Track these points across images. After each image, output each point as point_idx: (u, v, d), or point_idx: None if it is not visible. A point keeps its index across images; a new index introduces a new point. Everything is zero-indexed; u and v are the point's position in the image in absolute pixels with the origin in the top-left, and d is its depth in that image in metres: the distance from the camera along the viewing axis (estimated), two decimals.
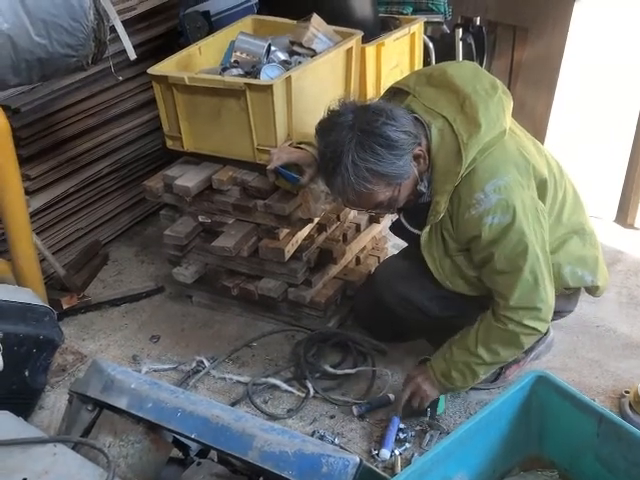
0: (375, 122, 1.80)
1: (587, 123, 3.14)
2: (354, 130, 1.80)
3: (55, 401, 2.30)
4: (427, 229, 1.97)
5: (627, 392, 2.19)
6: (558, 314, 2.15)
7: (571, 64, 3.12)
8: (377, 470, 1.61)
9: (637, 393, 2.12)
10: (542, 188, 1.97)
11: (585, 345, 2.46)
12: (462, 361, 2.00)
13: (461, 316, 2.12)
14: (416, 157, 1.87)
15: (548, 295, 1.92)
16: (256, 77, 2.26)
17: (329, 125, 1.87)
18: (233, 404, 2.26)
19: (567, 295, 2.15)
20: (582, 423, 1.55)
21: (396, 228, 2.27)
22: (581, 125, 3.16)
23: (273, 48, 2.41)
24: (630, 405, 2.14)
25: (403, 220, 2.14)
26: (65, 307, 2.72)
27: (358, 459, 1.54)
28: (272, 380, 2.33)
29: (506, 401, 1.58)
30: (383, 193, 1.87)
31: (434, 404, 2.13)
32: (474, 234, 1.88)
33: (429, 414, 2.14)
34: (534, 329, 1.93)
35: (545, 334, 2.34)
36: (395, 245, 3.05)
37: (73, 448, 1.58)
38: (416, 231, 2.05)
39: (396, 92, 2.07)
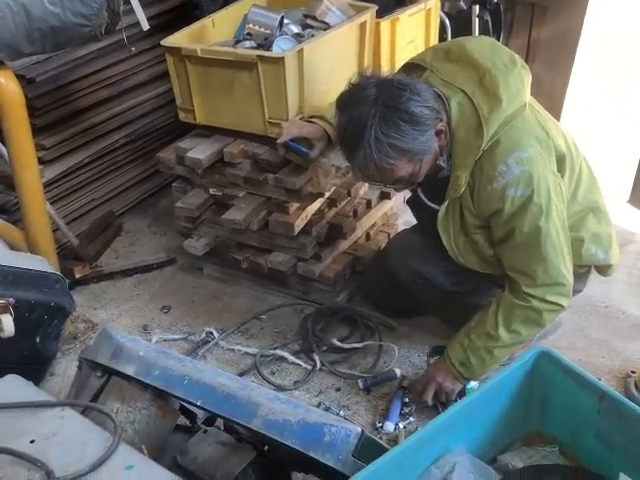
0: (399, 97, 1.78)
1: (603, 102, 3.11)
2: (378, 105, 1.77)
3: (66, 368, 2.33)
4: (445, 204, 1.96)
5: (633, 372, 2.19)
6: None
7: (589, 39, 3.08)
8: (379, 440, 1.61)
9: None
10: (561, 163, 1.96)
11: (593, 325, 2.46)
12: (482, 347, 1.98)
13: (473, 292, 2.14)
14: (438, 133, 1.86)
15: (569, 270, 1.92)
16: (268, 50, 2.27)
17: (352, 99, 1.84)
18: (241, 375, 2.29)
19: (578, 274, 2.14)
20: (583, 399, 1.55)
21: (413, 202, 2.26)
22: (597, 104, 3.12)
23: (286, 21, 2.40)
24: (636, 385, 2.14)
25: (421, 194, 2.13)
26: (78, 276, 2.75)
27: (360, 429, 1.56)
28: (280, 352, 2.36)
29: (508, 376, 1.58)
30: (404, 169, 1.86)
31: (462, 393, 2.11)
32: (497, 207, 1.87)
33: None
34: (557, 304, 1.93)
35: None
36: (406, 222, 3.04)
37: (82, 413, 1.62)
38: (434, 206, 2.04)
39: (412, 68, 2.05)
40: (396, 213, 2.99)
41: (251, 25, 2.40)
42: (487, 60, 1.90)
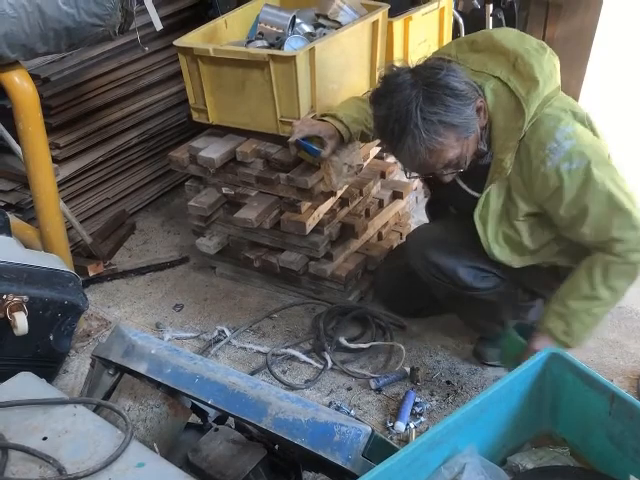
0: (437, 75, 1.77)
1: (618, 100, 3.09)
2: (418, 86, 1.76)
3: (79, 365, 2.36)
4: (487, 190, 1.93)
5: None
6: None
7: (604, 37, 3.07)
8: (389, 440, 1.62)
9: None
10: None
11: (606, 326, 2.44)
12: (583, 310, 1.92)
13: (490, 290, 2.13)
14: (478, 109, 1.84)
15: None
16: (280, 49, 2.27)
17: (388, 88, 1.81)
18: (252, 373, 2.30)
19: None
20: (594, 401, 1.54)
21: (433, 204, 2.26)
22: (612, 103, 3.11)
23: (298, 20, 2.41)
24: None
25: (461, 182, 2.03)
26: (91, 274, 2.78)
27: (370, 429, 1.57)
28: (291, 351, 2.36)
29: (518, 377, 1.58)
30: (453, 149, 1.82)
31: None
32: (556, 186, 1.83)
33: None
34: None
35: None
36: (418, 222, 3.04)
37: (94, 411, 1.63)
38: (475, 193, 1.99)
39: None
40: (408, 212, 2.99)
41: (263, 24, 2.41)
42: (517, 47, 1.89)
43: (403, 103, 1.75)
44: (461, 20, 3.15)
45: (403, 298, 2.46)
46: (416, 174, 2.00)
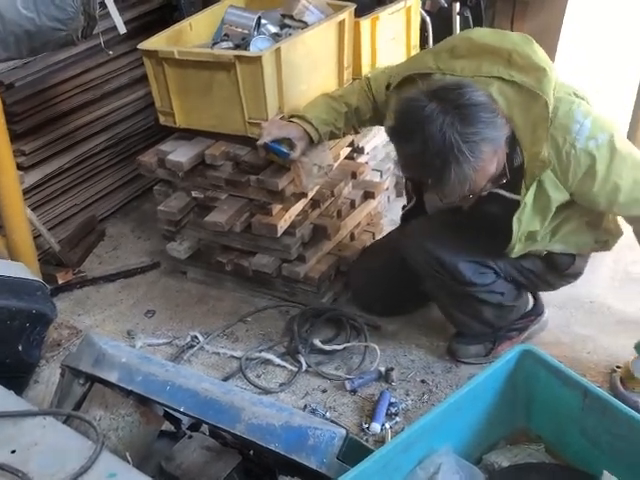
0: (462, 95, 1.72)
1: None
2: (449, 111, 1.69)
3: (50, 375, 2.31)
4: (533, 188, 1.88)
5: (619, 367, 2.19)
6: (574, 277, 2.22)
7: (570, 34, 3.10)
8: (363, 442, 1.61)
9: (628, 368, 2.12)
10: None
11: (578, 321, 2.46)
12: None
13: (488, 286, 2.13)
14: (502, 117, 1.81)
15: None
16: (246, 50, 2.25)
17: (416, 120, 1.72)
18: (226, 378, 2.27)
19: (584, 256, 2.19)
20: (567, 397, 1.55)
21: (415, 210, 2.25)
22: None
23: (264, 21, 2.39)
24: (621, 380, 2.14)
25: (499, 190, 1.96)
26: (61, 282, 2.73)
27: (345, 431, 1.56)
28: (265, 355, 2.34)
29: (492, 375, 1.58)
30: (492, 162, 1.78)
31: None
32: (587, 164, 1.83)
33: None
34: None
35: (540, 314, 2.36)
36: (391, 221, 3.05)
37: (65, 421, 1.60)
38: (514, 196, 1.93)
39: (408, 82, 2.00)
40: (380, 212, 2.98)
41: (228, 26, 2.38)
42: (504, 42, 1.88)
43: (439, 132, 1.68)
44: (428, 19, 3.15)
45: (379, 297, 2.45)
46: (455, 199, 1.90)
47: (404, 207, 2.43)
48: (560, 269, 2.17)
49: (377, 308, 2.51)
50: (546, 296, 2.40)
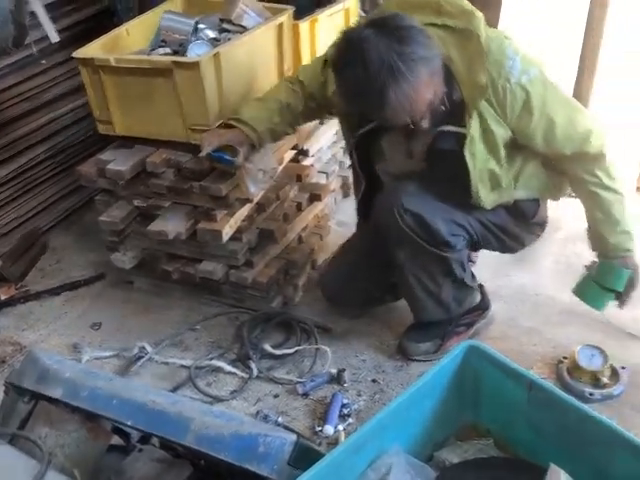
0: (399, 20, 1.78)
1: None
2: (385, 34, 1.74)
3: None
4: (477, 119, 1.93)
5: (565, 358, 2.23)
6: (541, 226, 2.31)
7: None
8: (314, 446, 1.61)
9: (574, 359, 2.16)
10: None
11: (524, 314, 2.49)
12: (622, 211, 2.07)
13: (459, 254, 2.17)
14: None
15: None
16: (184, 55, 2.23)
17: (353, 47, 1.77)
18: (176, 388, 2.24)
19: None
20: (513, 390, 1.57)
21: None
22: None
23: (202, 26, 2.37)
24: (568, 371, 2.18)
25: (446, 127, 2.00)
26: (3, 298, 2.67)
27: (295, 437, 1.56)
28: (215, 362, 2.32)
29: (439, 372, 1.59)
30: (429, 86, 1.81)
31: None
32: (523, 99, 1.92)
33: None
34: (601, 142, 2.04)
35: (486, 309, 2.39)
36: (339, 222, 3.05)
37: (10, 441, 1.57)
38: (461, 129, 1.97)
39: None
40: (328, 214, 2.98)
41: (165, 32, 2.35)
42: None
43: (377, 54, 1.73)
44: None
45: (352, 291, 2.41)
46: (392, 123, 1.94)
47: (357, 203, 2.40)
48: (527, 216, 2.23)
49: (350, 303, 2.48)
50: (492, 290, 2.43)
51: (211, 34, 2.37)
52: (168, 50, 2.31)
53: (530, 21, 3.13)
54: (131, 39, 2.46)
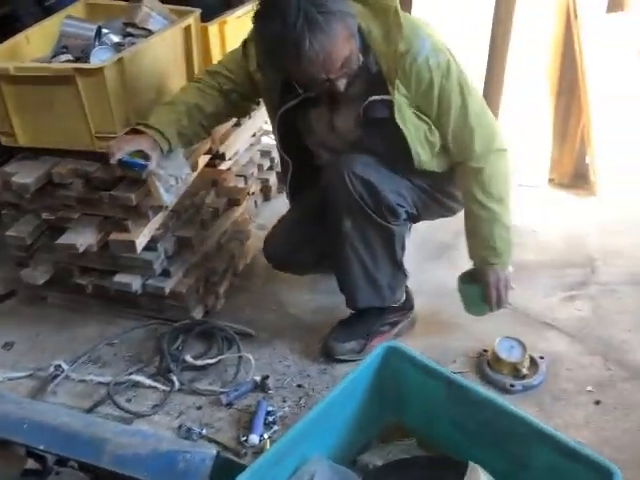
0: None
1: None
2: None
3: None
4: (397, 82, 1.96)
5: (485, 351, 2.26)
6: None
7: None
8: (235, 459, 1.58)
9: (494, 352, 2.19)
10: None
11: (446, 309, 2.50)
12: (492, 231, 2.12)
13: (401, 227, 2.19)
14: None
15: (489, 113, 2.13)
16: (86, 62, 2.15)
17: (271, 3, 1.81)
18: (95, 406, 2.16)
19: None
20: (433, 389, 1.57)
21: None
22: None
23: (105, 31, 2.29)
24: (488, 363, 2.21)
25: (371, 97, 2.02)
26: None
27: (215, 451, 1.53)
28: (135, 377, 2.24)
29: (359, 375, 1.58)
30: (345, 43, 1.84)
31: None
32: (427, 79, 1.96)
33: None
34: (503, 148, 2.11)
35: (410, 309, 2.40)
36: (260, 226, 3.02)
37: None
38: (386, 97, 1.99)
39: None
40: (247, 218, 2.94)
41: (67, 38, 2.26)
42: None
43: (296, 6, 1.75)
44: None
45: (299, 253, 2.36)
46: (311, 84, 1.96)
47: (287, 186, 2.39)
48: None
49: (297, 265, 2.45)
50: (414, 287, 2.44)
51: (115, 39, 2.29)
52: (70, 57, 2.22)
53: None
54: (32, 46, 2.36)
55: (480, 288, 2.21)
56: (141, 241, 2.26)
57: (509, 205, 2.14)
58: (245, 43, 2.16)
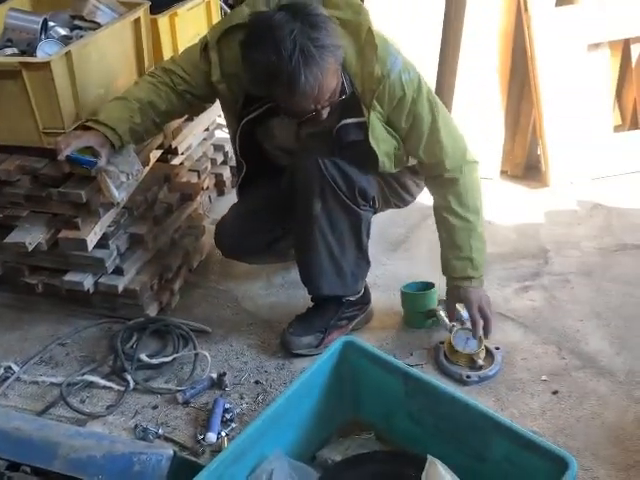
0: (308, 6, 1.83)
1: None
2: (297, 19, 1.78)
3: None
4: (372, 104, 1.98)
5: (442, 343, 2.27)
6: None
7: None
8: (192, 459, 1.57)
9: (450, 343, 2.21)
10: None
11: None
12: (469, 243, 2.14)
13: (368, 211, 2.21)
14: None
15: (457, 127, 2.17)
16: (32, 55, 2.09)
17: (264, 29, 1.79)
18: (47, 408, 2.11)
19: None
20: (391, 383, 1.57)
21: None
22: None
23: (51, 23, 2.23)
24: (445, 355, 2.22)
25: (346, 120, 2.05)
26: None
27: (172, 451, 1.51)
28: (89, 377, 2.20)
29: (316, 371, 1.57)
30: (335, 75, 1.86)
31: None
32: (400, 95, 1.99)
33: None
34: (473, 159, 2.16)
35: (367, 303, 2.40)
36: (215, 221, 2.96)
37: None
38: (360, 119, 2.02)
39: (225, 33, 2.04)
40: (202, 214, 2.91)
41: (12, 30, 2.20)
42: None
43: (290, 37, 1.75)
44: (230, 11, 3.11)
45: (251, 240, 2.36)
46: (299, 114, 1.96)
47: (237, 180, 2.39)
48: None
49: (255, 247, 2.41)
50: (370, 280, 2.43)
51: (62, 31, 2.24)
52: (15, 50, 2.16)
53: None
54: None
55: (431, 295, 2.31)
56: (92, 239, 2.21)
57: (483, 218, 2.19)
58: (205, 47, 2.09)
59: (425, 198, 2.39)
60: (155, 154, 2.55)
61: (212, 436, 2.00)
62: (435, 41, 3.20)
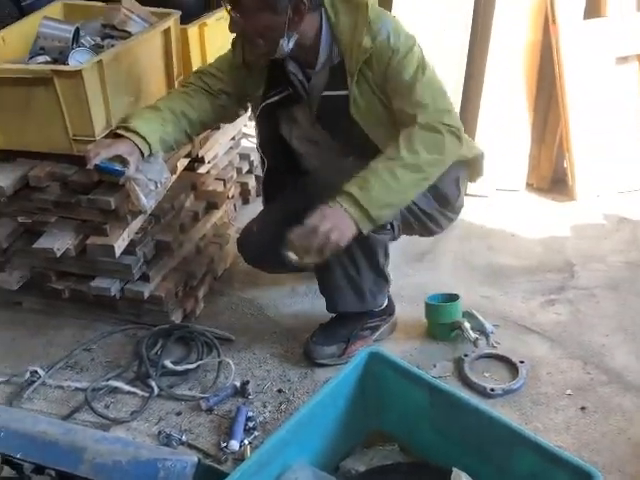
0: None
1: None
2: None
3: None
4: (356, 78, 2.02)
5: (466, 355, 2.26)
6: (458, 211, 2.36)
7: None
8: (216, 466, 1.57)
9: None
10: None
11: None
12: (383, 167, 1.93)
13: (385, 234, 2.18)
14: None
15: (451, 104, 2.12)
16: (64, 64, 2.12)
17: None
18: (72, 413, 2.13)
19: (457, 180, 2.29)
20: (415, 395, 1.57)
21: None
22: None
23: (83, 32, 2.27)
24: (469, 367, 2.21)
25: (327, 92, 2.11)
26: None
27: (196, 459, 1.51)
28: (113, 382, 2.22)
29: (341, 381, 1.57)
30: (272, 14, 1.91)
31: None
32: (388, 56, 2.00)
33: None
34: (453, 126, 2.01)
35: (391, 314, 2.39)
36: (239, 230, 2.98)
37: None
38: (342, 92, 2.06)
39: None
40: (227, 222, 2.93)
41: (44, 39, 2.23)
42: None
43: None
44: None
45: (273, 248, 2.22)
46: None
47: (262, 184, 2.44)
48: (449, 201, 2.28)
49: (269, 263, 2.39)
50: (394, 291, 2.43)
51: (93, 40, 2.27)
52: (48, 58, 2.19)
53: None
54: (8, 47, 2.32)
55: (455, 307, 2.29)
56: (120, 245, 2.23)
57: (419, 170, 1.97)
58: (234, 42, 2.19)
59: None
60: (182, 162, 2.58)
61: (235, 444, 2.00)
62: (462, 52, 3.20)
